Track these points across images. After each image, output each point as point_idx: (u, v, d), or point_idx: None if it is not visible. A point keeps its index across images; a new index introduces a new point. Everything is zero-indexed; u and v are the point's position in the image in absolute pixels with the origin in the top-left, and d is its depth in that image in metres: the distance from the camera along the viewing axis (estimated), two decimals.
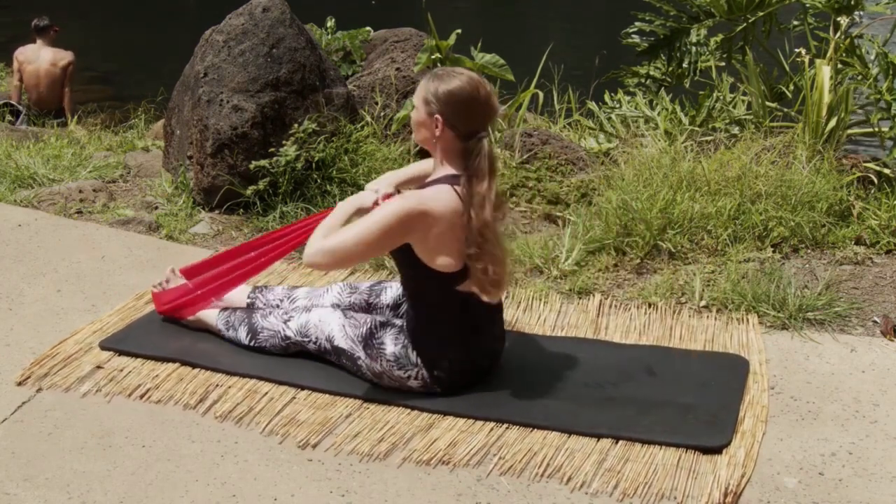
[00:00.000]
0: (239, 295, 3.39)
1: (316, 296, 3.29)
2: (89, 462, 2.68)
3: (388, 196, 2.98)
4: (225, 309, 3.31)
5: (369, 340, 2.97)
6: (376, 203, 2.96)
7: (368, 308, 3.21)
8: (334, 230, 2.85)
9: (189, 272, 3.47)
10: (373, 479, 2.61)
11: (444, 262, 2.81)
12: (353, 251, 2.77)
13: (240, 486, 2.58)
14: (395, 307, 3.18)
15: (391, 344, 2.94)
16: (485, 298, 2.83)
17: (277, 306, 3.29)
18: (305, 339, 3.10)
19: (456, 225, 2.78)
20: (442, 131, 2.80)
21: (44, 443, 2.77)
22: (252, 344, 3.19)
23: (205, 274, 3.41)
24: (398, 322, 3.02)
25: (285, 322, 3.14)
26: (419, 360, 2.91)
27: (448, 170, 2.85)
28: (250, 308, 3.30)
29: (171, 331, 3.35)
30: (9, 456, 2.71)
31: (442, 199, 2.78)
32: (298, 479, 2.62)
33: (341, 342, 3.02)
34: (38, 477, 2.63)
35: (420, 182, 3.09)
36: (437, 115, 2.80)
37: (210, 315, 3.30)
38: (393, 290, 3.21)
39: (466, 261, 2.81)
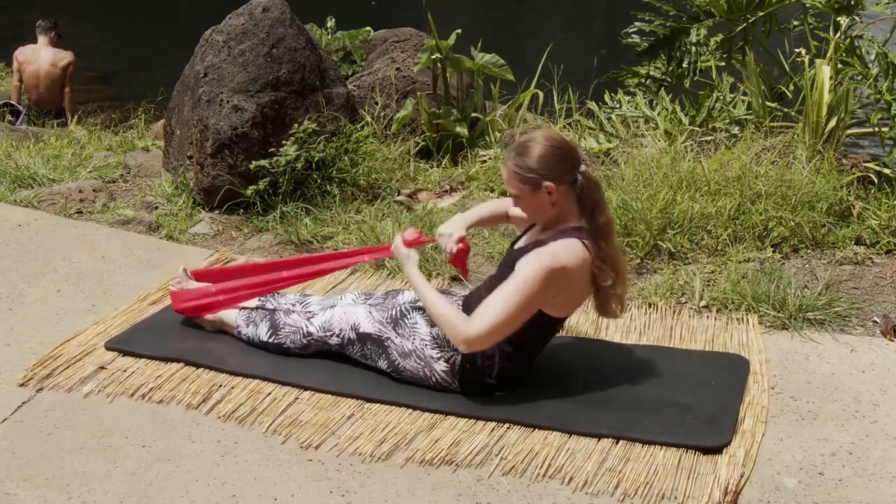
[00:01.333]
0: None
1: (330, 303, 3.28)
2: (89, 462, 2.68)
3: (461, 239, 3.04)
4: (244, 307, 3.31)
5: (401, 321, 3.01)
6: (452, 250, 3.03)
7: (387, 299, 3.19)
8: (450, 309, 2.82)
9: (201, 276, 3.47)
10: (373, 479, 2.61)
11: (567, 311, 2.92)
12: (508, 323, 2.79)
13: (240, 486, 2.59)
14: (414, 302, 3.17)
15: (426, 325, 2.98)
16: (609, 318, 3.01)
17: (289, 310, 3.28)
18: (328, 334, 3.10)
19: (586, 275, 2.85)
20: (557, 193, 2.83)
21: (44, 443, 2.77)
22: (271, 340, 3.18)
23: (229, 281, 3.40)
24: None
25: (308, 319, 3.15)
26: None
27: (566, 224, 2.87)
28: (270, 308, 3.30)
29: (176, 331, 3.33)
30: (9, 456, 2.71)
31: (573, 252, 2.82)
32: (298, 479, 2.62)
33: (368, 327, 3.03)
34: (38, 477, 2.63)
35: (492, 223, 3.22)
36: (546, 182, 2.82)
37: (229, 312, 3.30)
38: (411, 293, 3.20)
39: (600, 294, 2.89)
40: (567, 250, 2.80)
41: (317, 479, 2.62)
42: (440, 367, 2.94)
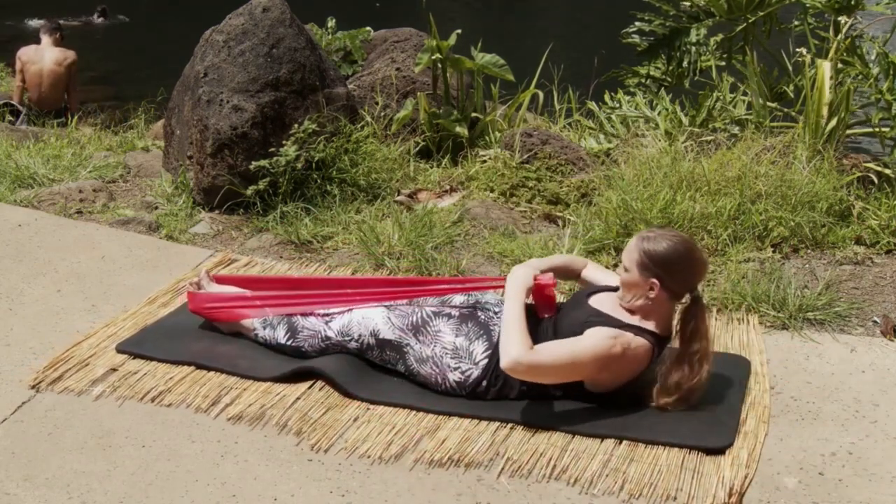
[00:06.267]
0: None
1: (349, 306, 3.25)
2: (89, 462, 2.68)
3: (545, 273, 3.02)
4: None
5: (422, 328, 3.00)
6: (537, 282, 2.98)
7: (410, 305, 3.17)
8: (522, 330, 2.79)
9: (224, 280, 3.46)
10: (373, 480, 2.61)
11: (603, 390, 2.89)
12: (554, 374, 2.81)
13: (240, 486, 2.58)
14: (436, 310, 3.12)
15: (451, 333, 2.97)
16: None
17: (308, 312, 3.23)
18: (347, 339, 3.08)
19: (636, 376, 2.88)
20: (657, 294, 2.83)
21: (44, 443, 2.77)
22: (289, 343, 3.15)
23: (267, 290, 3.35)
24: (454, 312, 3.03)
25: (326, 323, 3.12)
26: (486, 365, 2.92)
27: (646, 324, 2.86)
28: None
29: (188, 333, 3.30)
30: (9, 456, 2.71)
31: (642, 357, 2.85)
32: (298, 479, 2.62)
33: (388, 334, 3.02)
34: (38, 477, 2.62)
35: (563, 275, 3.20)
36: (654, 279, 2.82)
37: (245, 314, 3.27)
38: (434, 302, 3.16)
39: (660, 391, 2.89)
40: (638, 351, 2.83)
41: (317, 479, 2.61)
42: (454, 376, 2.94)
